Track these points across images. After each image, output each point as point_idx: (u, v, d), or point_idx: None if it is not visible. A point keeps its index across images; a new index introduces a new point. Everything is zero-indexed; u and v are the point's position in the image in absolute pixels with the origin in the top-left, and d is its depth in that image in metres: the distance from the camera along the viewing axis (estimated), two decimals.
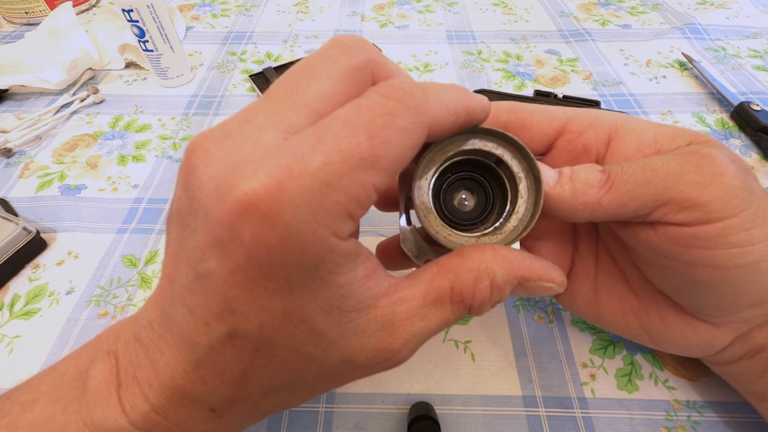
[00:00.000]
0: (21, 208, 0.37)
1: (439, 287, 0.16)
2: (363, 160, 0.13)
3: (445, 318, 0.16)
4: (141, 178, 0.40)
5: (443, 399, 0.26)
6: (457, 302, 0.16)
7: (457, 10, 0.64)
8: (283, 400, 0.17)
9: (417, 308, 0.16)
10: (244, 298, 0.13)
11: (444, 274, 0.16)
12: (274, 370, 0.15)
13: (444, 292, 0.16)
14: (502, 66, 0.53)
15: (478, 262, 0.16)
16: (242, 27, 0.61)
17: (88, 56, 0.51)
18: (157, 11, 0.45)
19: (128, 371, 0.15)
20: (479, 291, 0.16)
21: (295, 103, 0.14)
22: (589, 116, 0.21)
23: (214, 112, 0.48)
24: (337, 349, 0.15)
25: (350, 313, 0.15)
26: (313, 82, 0.14)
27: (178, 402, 0.15)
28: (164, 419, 0.15)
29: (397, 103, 0.13)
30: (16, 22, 0.64)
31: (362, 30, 0.60)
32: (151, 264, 0.34)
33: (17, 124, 0.45)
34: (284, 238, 0.12)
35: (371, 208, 0.16)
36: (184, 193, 0.14)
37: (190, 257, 0.14)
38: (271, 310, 0.13)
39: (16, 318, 0.31)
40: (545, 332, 0.29)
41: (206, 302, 0.13)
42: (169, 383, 0.15)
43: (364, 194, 0.13)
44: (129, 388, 0.15)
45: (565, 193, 0.18)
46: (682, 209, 0.17)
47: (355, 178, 0.13)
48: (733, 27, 0.58)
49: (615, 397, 0.26)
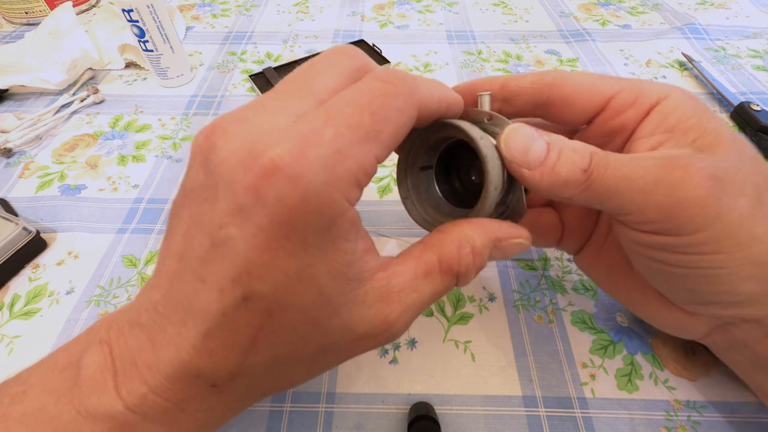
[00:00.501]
0: (21, 208, 0.37)
1: (427, 261, 0.17)
2: (368, 134, 0.15)
3: (435, 288, 0.17)
4: (141, 178, 0.40)
5: (443, 399, 0.26)
6: (446, 272, 0.17)
7: (457, 10, 0.64)
8: (284, 375, 0.17)
9: (409, 281, 0.17)
10: (262, 259, 0.14)
11: (430, 249, 0.18)
12: (283, 336, 0.15)
13: (432, 265, 0.17)
14: (502, 66, 0.53)
15: (458, 233, 0.18)
16: (242, 27, 0.61)
17: (88, 56, 0.51)
18: (157, 11, 0.45)
19: (124, 357, 0.16)
20: (463, 258, 0.17)
21: (303, 94, 0.15)
22: (633, 91, 0.20)
23: (214, 112, 0.48)
24: (340, 317, 0.16)
25: (353, 282, 0.16)
26: (318, 77, 0.16)
27: (179, 379, 0.15)
28: (163, 399, 0.15)
29: (392, 86, 0.15)
30: (16, 22, 0.64)
31: (362, 30, 0.60)
32: (151, 264, 0.34)
33: (17, 124, 0.45)
34: (304, 199, 0.13)
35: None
36: (202, 169, 0.15)
37: (207, 228, 0.14)
38: (287, 269, 0.14)
39: (16, 318, 0.31)
40: (545, 332, 0.29)
41: (222, 269, 0.14)
42: (171, 360, 0.15)
43: (369, 164, 0.15)
44: (126, 373, 0.15)
45: (544, 184, 0.18)
46: (648, 222, 0.18)
47: (362, 149, 0.14)
48: (733, 27, 0.58)
49: (615, 397, 0.26)
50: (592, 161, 0.18)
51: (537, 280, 0.32)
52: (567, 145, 0.19)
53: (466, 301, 0.31)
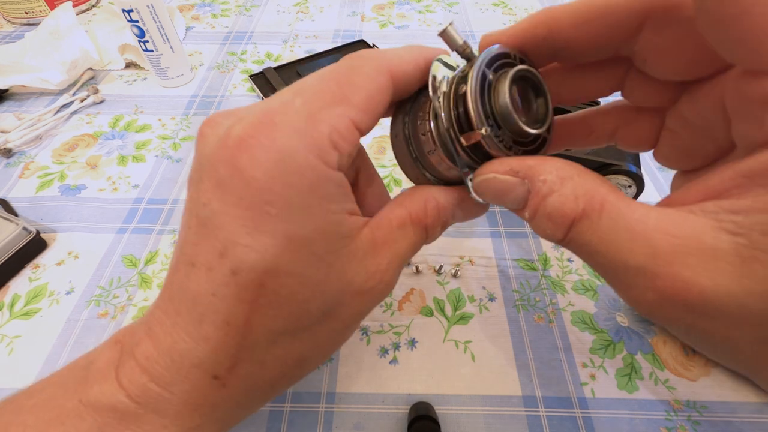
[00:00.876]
0: (21, 208, 0.38)
1: (400, 215, 0.18)
2: (335, 97, 0.15)
3: (410, 239, 0.18)
4: (141, 178, 0.40)
5: (443, 399, 0.26)
6: (415, 223, 0.18)
7: (457, 10, 0.64)
8: (289, 355, 0.17)
9: (389, 233, 0.18)
10: (246, 228, 0.14)
11: (401, 205, 0.18)
12: (280, 307, 0.15)
13: (404, 218, 0.18)
14: None
15: (424, 192, 0.19)
16: (242, 27, 0.61)
17: (88, 56, 0.51)
18: (157, 11, 0.45)
19: (128, 351, 0.16)
20: (429, 211, 0.18)
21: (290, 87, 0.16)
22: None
23: (214, 112, 0.48)
24: (336, 273, 0.16)
25: (343, 239, 0.16)
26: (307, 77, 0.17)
27: (177, 369, 0.15)
28: (165, 390, 0.15)
29: (358, 59, 0.16)
30: (16, 22, 0.64)
31: (362, 30, 0.60)
32: (151, 264, 0.34)
33: (17, 124, 0.45)
34: (279, 161, 0.14)
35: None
36: (195, 158, 0.16)
37: (194, 209, 0.15)
38: (275, 233, 0.14)
39: (16, 318, 0.31)
40: (545, 332, 0.29)
41: (209, 247, 0.14)
42: (168, 349, 0.15)
43: (342, 125, 0.15)
44: (126, 363, 0.16)
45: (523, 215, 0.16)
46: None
47: (332, 112, 0.15)
48: None
49: (615, 397, 0.26)
50: (570, 232, 0.14)
51: (537, 280, 0.32)
52: (546, 204, 0.15)
53: (466, 301, 0.31)
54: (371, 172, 0.22)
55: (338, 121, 0.15)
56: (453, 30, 0.17)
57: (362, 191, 0.21)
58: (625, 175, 0.33)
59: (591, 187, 0.14)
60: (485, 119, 0.15)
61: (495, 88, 0.16)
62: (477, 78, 0.15)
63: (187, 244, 0.15)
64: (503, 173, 0.15)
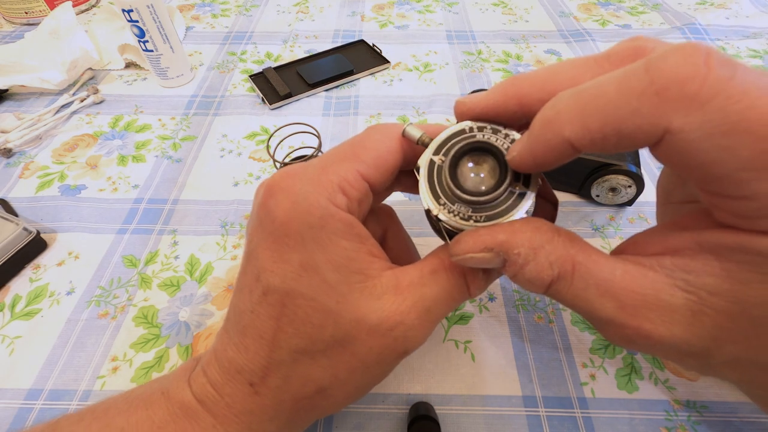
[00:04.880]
0: (21, 208, 0.38)
1: (432, 261, 0.19)
2: (346, 155, 0.19)
3: (441, 285, 0.18)
4: (141, 179, 0.40)
5: (443, 399, 0.26)
6: (450, 270, 0.18)
7: (457, 10, 0.64)
8: (309, 378, 0.18)
9: (417, 277, 0.18)
10: (272, 257, 0.17)
11: (435, 254, 0.19)
12: (298, 326, 0.17)
13: (437, 264, 0.18)
14: (502, 66, 0.53)
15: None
16: (242, 27, 0.61)
17: (88, 56, 0.51)
18: (157, 11, 0.45)
19: (199, 359, 0.20)
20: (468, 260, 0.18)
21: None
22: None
23: (214, 112, 0.48)
24: (349, 305, 0.17)
25: (357, 274, 0.17)
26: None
27: (225, 373, 0.18)
28: (217, 393, 0.18)
29: (373, 128, 0.20)
30: (16, 22, 0.64)
31: (362, 30, 0.60)
32: (151, 264, 0.34)
33: (17, 124, 0.45)
34: (295, 203, 0.17)
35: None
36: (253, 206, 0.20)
37: (246, 246, 0.19)
38: (291, 261, 0.17)
39: (17, 318, 0.31)
40: (545, 332, 0.29)
41: (249, 273, 0.18)
42: (221, 356, 0.18)
43: (350, 175, 0.18)
44: (196, 368, 0.20)
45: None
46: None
47: (342, 165, 0.18)
48: (733, 27, 0.58)
49: (615, 397, 0.26)
50: (549, 291, 0.16)
51: None
52: (524, 272, 0.16)
53: (466, 301, 0.31)
54: (402, 234, 0.24)
55: (347, 172, 0.18)
56: (410, 129, 0.19)
57: (389, 247, 0.23)
58: (625, 175, 0.33)
59: (562, 252, 0.16)
60: (436, 200, 0.17)
61: (442, 169, 0.18)
62: (426, 166, 0.18)
63: (241, 272, 0.19)
64: (478, 251, 0.16)
